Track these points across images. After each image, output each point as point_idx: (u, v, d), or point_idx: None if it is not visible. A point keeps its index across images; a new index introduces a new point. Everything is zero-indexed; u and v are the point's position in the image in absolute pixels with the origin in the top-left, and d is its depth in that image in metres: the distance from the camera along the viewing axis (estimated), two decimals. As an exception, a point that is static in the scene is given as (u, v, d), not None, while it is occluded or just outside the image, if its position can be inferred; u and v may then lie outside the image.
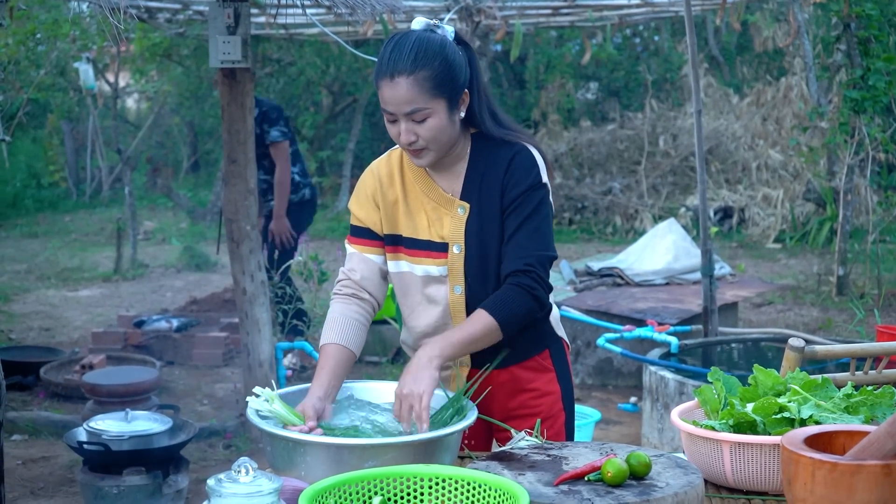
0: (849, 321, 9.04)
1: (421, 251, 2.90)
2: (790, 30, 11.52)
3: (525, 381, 3.02)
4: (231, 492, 2.03)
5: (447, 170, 2.90)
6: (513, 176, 2.85)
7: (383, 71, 2.75)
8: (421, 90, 2.73)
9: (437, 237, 2.88)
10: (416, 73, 2.72)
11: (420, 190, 2.91)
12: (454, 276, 2.90)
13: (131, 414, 4.91)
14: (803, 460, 2.13)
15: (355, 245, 2.97)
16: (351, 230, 2.98)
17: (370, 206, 2.93)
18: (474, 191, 2.88)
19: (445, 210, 2.89)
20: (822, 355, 3.24)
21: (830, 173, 12.15)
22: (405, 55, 2.73)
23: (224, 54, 5.72)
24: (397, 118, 2.77)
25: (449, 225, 2.88)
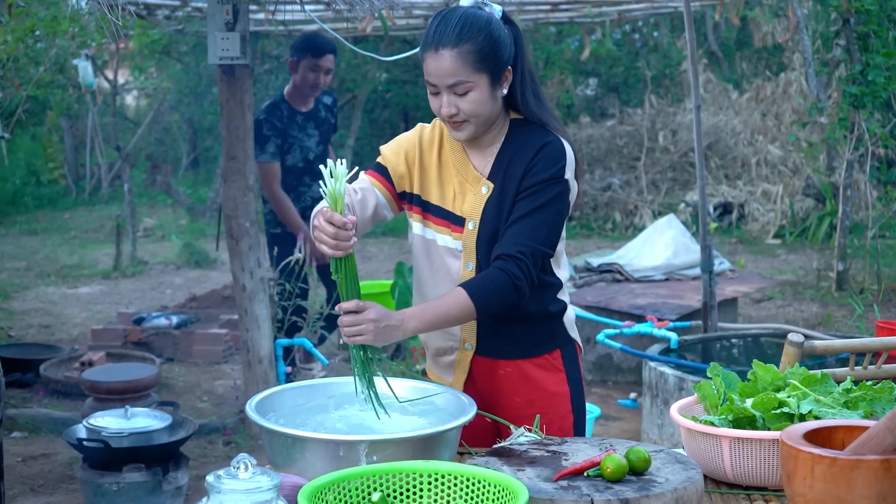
0: (848, 316, 9.04)
1: (443, 221, 2.95)
2: (789, 25, 11.51)
3: (533, 378, 3.03)
4: (230, 488, 2.03)
5: (482, 149, 2.96)
6: (538, 163, 2.87)
7: (429, 43, 2.80)
8: (464, 63, 2.77)
9: (458, 210, 2.94)
10: (460, 45, 2.77)
11: (453, 163, 2.96)
12: (468, 252, 2.94)
13: (131, 411, 4.92)
14: (802, 455, 2.13)
15: (370, 176, 2.99)
16: (373, 165, 3.02)
17: (401, 157, 2.98)
18: (500, 172, 2.92)
19: (470, 186, 2.94)
20: (822, 350, 3.24)
21: (830, 169, 12.15)
22: (451, 28, 2.78)
23: (223, 51, 5.72)
24: (440, 90, 2.81)
25: (470, 201, 2.93)
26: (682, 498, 2.23)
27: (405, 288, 7.96)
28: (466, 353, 3.02)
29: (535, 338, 3.03)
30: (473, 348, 3.01)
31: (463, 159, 2.95)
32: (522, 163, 2.89)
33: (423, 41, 2.83)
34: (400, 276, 8.15)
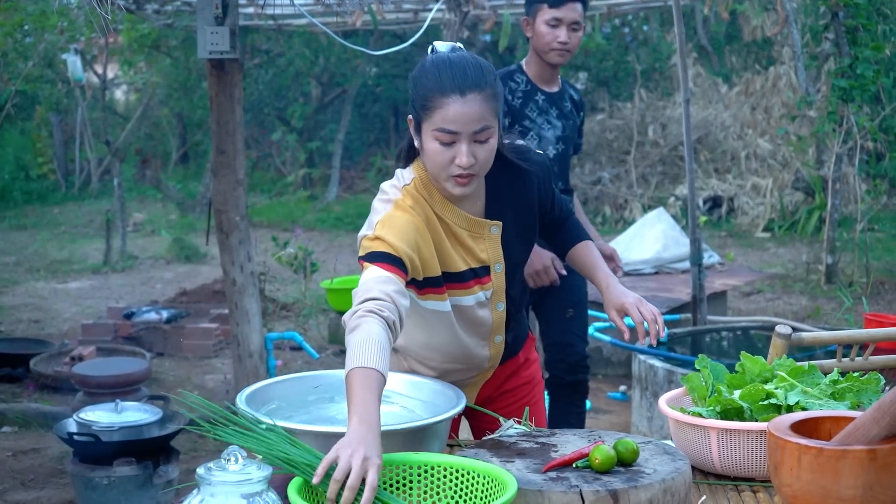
0: (837, 309, 9.07)
1: (470, 281, 2.83)
2: (778, 19, 11.53)
3: (522, 363, 3.14)
4: (220, 480, 2.04)
5: (469, 194, 2.77)
6: (544, 183, 2.93)
7: (451, 87, 2.59)
8: (489, 107, 2.62)
9: (476, 262, 2.82)
10: (485, 89, 2.62)
11: (451, 222, 2.78)
12: (497, 295, 2.89)
13: (121, 405, 4.92)
14: (789, 446, 2.14)
15: (393, 273, 2.59)
16: (382, 257, 2.60)
17: (412, 249, 2.66)
18: (500, 209, 2.85)
19: (478, 233, 2.82)
20: (809, 342, 3.26)
21: (819, 162, 12.18)
22: (472, 70, 2.62)
23: (212, 45, 5.71)
24: (458, 140, 2.62)
25: (485, 247, 2.83)
26: (670, 489, 2.24)
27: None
28: (487, 372, 3.05)
29: (524, 325, 3.12)
30: (496, 367, 3.04)
31: (456, 212, 2.78)
32: (526, 192, 2.88)
33: (437, 87, 2.61)
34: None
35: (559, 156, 4.69)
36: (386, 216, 2.68)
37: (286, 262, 9.15)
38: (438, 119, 2.60)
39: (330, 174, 16.69)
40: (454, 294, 2.83)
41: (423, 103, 2.63)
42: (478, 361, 2.97)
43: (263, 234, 11.82)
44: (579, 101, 4.81)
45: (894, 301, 9.46)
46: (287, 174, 17.35)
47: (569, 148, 4.74)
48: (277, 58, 16.56)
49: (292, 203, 16.03)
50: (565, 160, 4.75)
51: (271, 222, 14.33)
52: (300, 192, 16.38)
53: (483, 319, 2.90)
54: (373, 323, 2.41)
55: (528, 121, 4.62)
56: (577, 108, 4.79)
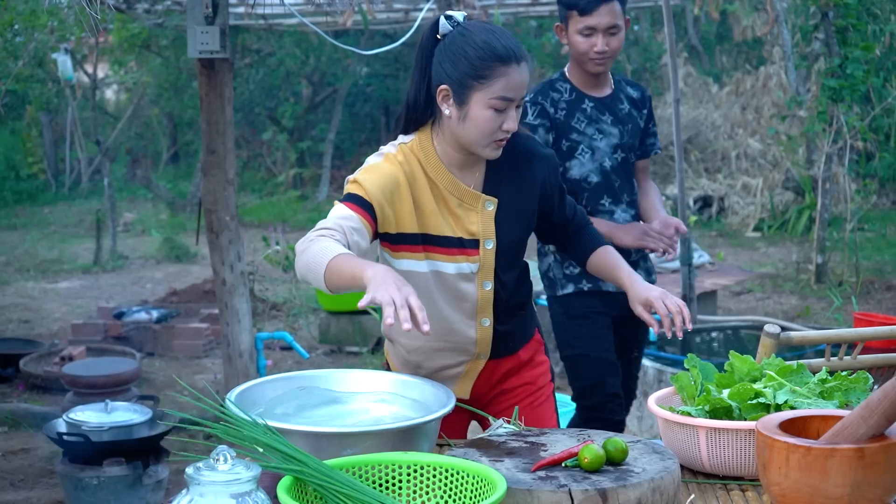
0: (827, 308, 9.09)
1: (454, 248, 2.85)
2: (768, 19, 11.55)
3: (526, 362, 3.11)
4: (209, 480, 2.03)
5: (469, 166, 2.87)
6: (552, 169, 2.98)
7: (509, 56, 2.72)
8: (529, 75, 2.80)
9: (466, 234, 2.86)
10: (527, 55, 2.79)
11: (443, 186, 2.84)
12: (485, 272, 2.89)
13: (111, 405, 4.92)
14: (778, 445, 2.15)
15: (357, 213, 2.73)
16: (351, 197, 2.76)
17: (386, 200, 2.76)
18: (498, 185, 2.89)
19: (470, 206, 2.86)
20: (798, 342, 3.27)
21: (809, 162, 12.20)
22: (513, 39, 2.76)
23: (202, 44, 5.70)
24: (509, 106, 2.74)
25: (477, 221, 2.86)
26: (658, 488, 2.24)
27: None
28: (479, 362, 3.01)
29: (527, 323, 3.09)
30: (487, 356, 3.01)
31: (452, 181, 2.84)
32: (528, 172, 2.92)
33: (494, 57, 2.71)
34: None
35: (618, 166, 4.13)
36: (371, 165, 2.82)
37: (276, 261, 9.15)
38: (498, 87, 2.71)
39: (321, 174, 16.68)
40: (434, 258, 2.86)
41: (480, 73, 2.71)
42: (464, 343, 2.95)
43: (254, 233, 11.82)
44: (640, 98, 4.23)
45: (883, 300, 9.48)
46: (278, 174, 17.33)
47: (630, 155, 4.18)
48: (268, 57, 16.54)
49: (283, 203, 16.02)
50: (627, 170, 4.17)
51: (262, 222, 14.32)
52: (291, 193, 16.38)
53: (466, 294, 2.90)
54: (323, 240, 2.61)
55: (577, 133, 4.06)
56: (637, 106, 4.22)
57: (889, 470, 2.11)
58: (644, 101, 4.23)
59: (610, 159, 4.09)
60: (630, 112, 4.18)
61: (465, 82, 2.73)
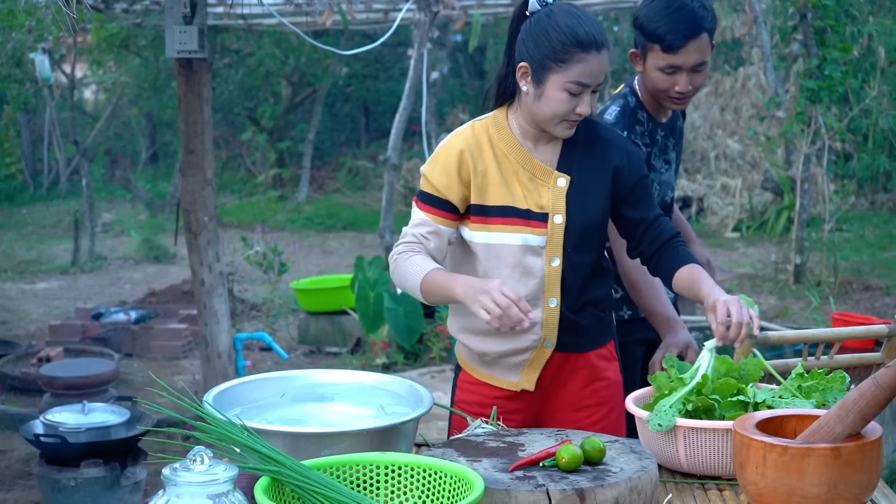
0: (805, 308, 9.13)
1: (519, 220, 2.86)
2: (747, 20, 11.59)
3: (599, 369, 3.02)
4: (186, 481, 2.02)
5: (544, 143, 2.92)
6: (631, 158, 2.96)
7: (590, 43, 2.76)
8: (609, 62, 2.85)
9: (535, 207, 2.87)
10: (609, 44, 2.83)
11: (514, 160, 2.88)
12: (553, 247, 2.88)
13: (88, 406, 4.89)
14: (755, 444, 2.16)
15: (429, 214, 2.88)
16: (423, 196, 2.90)
17: (452, 176, 2.86)
18: (571, 163, 2.91)
19: (542, 181, 2.89)
20: (775, 341, 3.28)
21: (788, 162, 12.25)
22: (598, 27, 2.80)
23: (180, 44, 5.68)
24: (584, 91, 2.79)
25: (548, 195, 2.88)
26: (636, 487, 2.25)
27: (364, 282, 7.95)
28: (545, 350, 2.95)
29: (601, 328, 3.03)
30: (553, 345, 2.94)
31: (525, 155, 2.88)
32: (603, 154, 2.93)
33: (575, 42, 2.75)
34: (360, 270, 8.14)
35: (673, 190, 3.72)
36: (437, 150, 2.93)
37: (255, 262, 9.13)
38: (576, 72, 2.77)
39: (300, 174, 16.65)
40: (499, 229, 2.88)
41: (560, 56, 2.77)
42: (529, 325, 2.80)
43: (234, 234, 11.79)
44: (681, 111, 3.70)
45: (861, 300, 9.53)
46: (257, 174, 17.30)
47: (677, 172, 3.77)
48: (247, 57, 16.51)
49: (262, 203, 15.99)
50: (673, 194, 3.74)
51: (241, 222, 14.29)
52: (271, 193, 16.35)
53: (533, 268, 2.88)
54: (409, 257, 2.83)
55: (651, 171, 3.49)
56: (683, 115, 3.74)
57: (865, 469, 2.12)
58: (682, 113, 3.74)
59: (671, 188, 3.64)
60: (681, 130, 3.71)
61: (543, 63, 2.79)
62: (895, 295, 9.67)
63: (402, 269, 2.84)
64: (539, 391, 2.99)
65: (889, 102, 13.68)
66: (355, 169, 17.48)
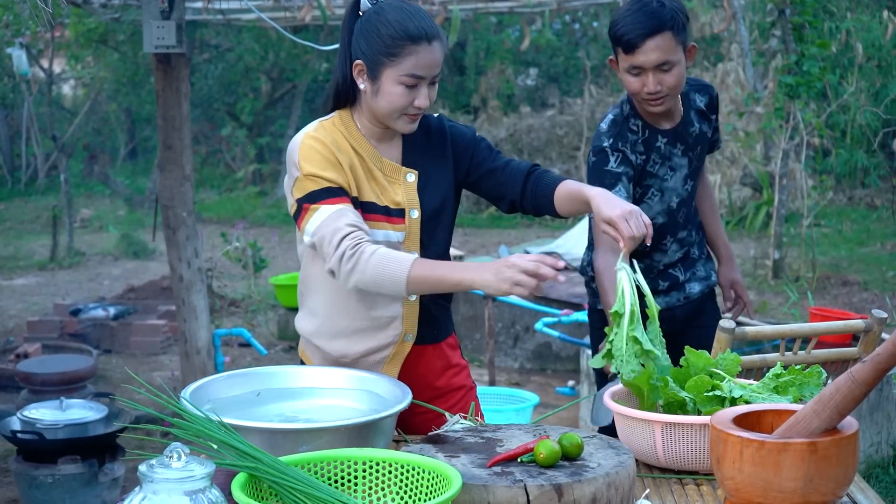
0: (784, 304, 9.16)
1: (382, 216, 2.90)
2: (726, 16, 11.62)
3: (449, 356, 3.11)
4: (163, 477, 2.02)
5: (388, 140, 2.96)
6: (458, 135, 3.03)
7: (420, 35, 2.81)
8: (444, 54, 2.90)
9: (391, 203, 2.91)
10: (442, 35, 2.88)
11: (367, 158, 2.92)
12: (411, 241, 2.94)
13: (66, 402, 4.87)
14: (731, 439, 2.16)
15: (340, 203, 2.79)
16: (322, 193, 2.79)
17: (335, 166, 2.83)
18: (416, 158, 2.97)
19: (393, 178, 2.94)
20: (752, 337, 3.29)
21: (766, 158, 12.29)
22: (428, 19, 2.85)
23: (158, 39, 5.67)
24: (420, 83, 2.82)
25: (401, 191, 2.93)
26: (614, 482, 2.25)
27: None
28: (406, 344, 2.99)
29: (448, 317, 3.13)
30: (414, 339, 3.00)
31: (374, 153, 2.93)
32: (439, 144, 3.00)
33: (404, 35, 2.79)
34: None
35: (686, 198, 3.73)
36: (303, 152, 2.83)
37: (235, 257, 9.11)
38: (408, 65, 2.80)
39: (279, 170, 16.62)
40: (368, 224, 2.88)
41: (390, 51, 2.80)
42: (389, 320, 2.94)
43: (213, 229, 11.76)
44: (709, 104, 3.75)
45: (839, 296, 9.57)
46: (237, 170, 17.26)
47: (697, 181, 3.78)
48: (227, 53, 16.46)
49: (242, 199, 15.95)
50: (690, 200, 3.76)
51: (221, 218, 14.25)
52: (250, 189, 16.31)
53: None
54: (368, 250, 2.71)
55: (650, 177, 3.61)
56: (706, 117, 3.74)
57: (841, 463, 2.13)
58: (712, 104, 3.77)
59: (678, 195, 3.68)
60: (700, 131, 3.72)
61: (376, 59, 2.82)
62: (873, 290, 9.71)
63: (372, 266, 2.69)
64: None
65: (867, 98, 13.74)
66: (335, 164, 17.46)
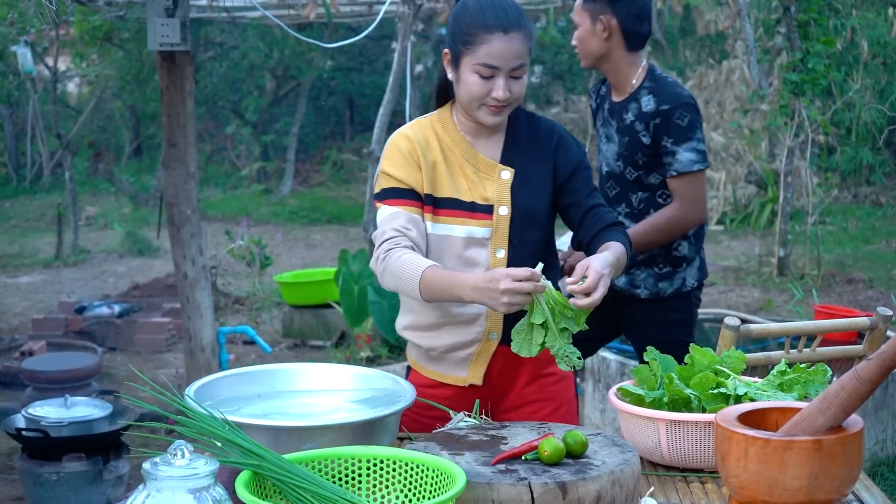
0: (788, 301, 9.14)
1: (464, 212, 2.90)
2: (731, 13, 11.60)
3: (545, 363, 2.98)
4: (167, 475, 2.02)
5: (487, 136, 2.95)
6: (567, 147, 2.97)
7: (495, 24, 2.78)
8: (526, 46, 2.82)
9: (480, 199, 2.90)
10: (525, 28, 2.82)
11: (459, 154, 2.93)
12: (498, 239, 2.90)
13: (70, 400, 4.87)
14: (736, 437, 2.16)
15: (400, 206, 2.86)
16: (388, 192, 2.88)
17: (410, 165, 2.89)
18: (515, 156, 2.94)
19: (486, 174, 2.92)
20: (757, 334, 3.28)
21: (771, 155, 12.27)
22: (512, 11, 2.80)
23: (163, 37, 5.66)
24: (496, 74, 2.80)
25: (493, 188, 2.91)
26: (618, 480, 2.25)
27: (349, 275, 7.94)
28: (490, 343, 2.93)
29: None
30: (499, 338, 2.92)
31: (468, 149, 2.92)
32: (545, 147, 2.95)
33: (479, 22, 2.79)
34: (344, 263, 8.14)
35: (611, 175, 3.99)
36: (387, 149, 2.94)
37: (239, 255, 9.11)
38: (482, 54, 2.79)
39: (285, 167, 16.62)
40: (444, 220, 2.90)
41: (466, 39, 2.81)
42: (472, 317, 2.88)
43: (218, 227, 11.76)
44: (652, 112, 3.82)
45: (844, 293, 9.55)
46: (241, 167, 17.26)
47: (628, 170, 3.92)
48: (231, 50, 16.45)
49: (247, 196, 15.95)
50: (622, 183, 3.96)
51: (225, 216, 14.26)
52: (255, 187, 16.30)
53: (477, 259, 2.89)
54: (398, 254, 2.75)
55: (595, 130, 4.14)
56: (644, 120, 3.84)
57: (846, 461, 2.12)
58: (656, 115, 3.81)
59: (608, 166, 4.01)
60: (632, 125, 3.88)
61: (457, 47, 2.84)
62: (878, 288, 9.70)
63: (394, 269, 2.75)
64: (488, 387, 2.98)
65: (872, 95, 13.71)
66: (340, 162, 17.45)
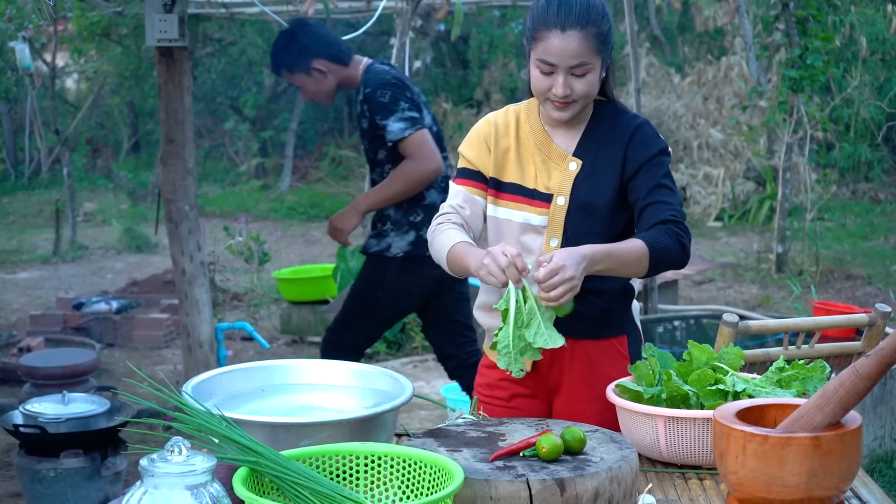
0: (787, 298, 9.15)
1: (524, 198, 2.93)
2: (730, 9, 11.60)
3: (600, 363, 2.95)
4: (164, 471, 2.02)
5: (567, 128, 2.96)
6: (640, 142, 2.91)
7: (553, 22, 2.80)
8: (589, 45, 2.81)
9: (542, 187, 2.92)
10: (587, 28, 2.80)
11: (533, 143, 2.96)
12: (553, 228, 2.91)
13: (68, 396, 4.86)
14: (735, 433, 2.15)
15: (463, 186, 2.99)
16: (459, 172, 3.03)
17: (482, 148, 2.98)
18: (589, 149, 2.94)
19: (555, 164, 2.94)
20: (756, 330, 3.28)
21: (770, 152, 12.27)
22: (576, 9, 2.81)
23: (161, 33, 5.65)
24: (556, 70, 2.82)
25: (557, 177, 2.92)
26: (616, 477, 2.24)
27: (347, 271, 7.93)
28: None
29: (607, 319, 2.97)
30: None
31: (544, 139, 2.95)
32: (616, 143, 2.92)
33: (540, 19, 2.82)
34: (342, 259, 8.13)
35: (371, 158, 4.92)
36: (470, 131, 3.05)
37: (237, 251, 9.10)
38: (540, 50, 2.83)
39: (283, 163, 16.60)
40: (504, 205, 2.96)
41: (531, 34, 2.87)
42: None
43: (216, 223, 11.75)
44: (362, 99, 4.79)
45: (843, 289, 9.56)
46: (240, 164, 17.24)
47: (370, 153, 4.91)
48: (230, 46, 16.43)
49: (245, 193, 15.94)
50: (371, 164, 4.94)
51: (224, 212, 14.24)
52: (253, 183, 16.28)
53: (532, 246, 2.91)
54: (442, 229, 2.90)
55: None
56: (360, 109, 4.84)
57: (845, 458, 2.12)
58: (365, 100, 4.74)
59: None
60: (359, 119, 4.82)
61: (527, 42, 2.90)
62: (876, 284, 9.70)
63: (436, 242, 2.90)
64: (542, 375, 2.95)
65: (870, 92, 13.72)
66: (338, 158, 17.43)
